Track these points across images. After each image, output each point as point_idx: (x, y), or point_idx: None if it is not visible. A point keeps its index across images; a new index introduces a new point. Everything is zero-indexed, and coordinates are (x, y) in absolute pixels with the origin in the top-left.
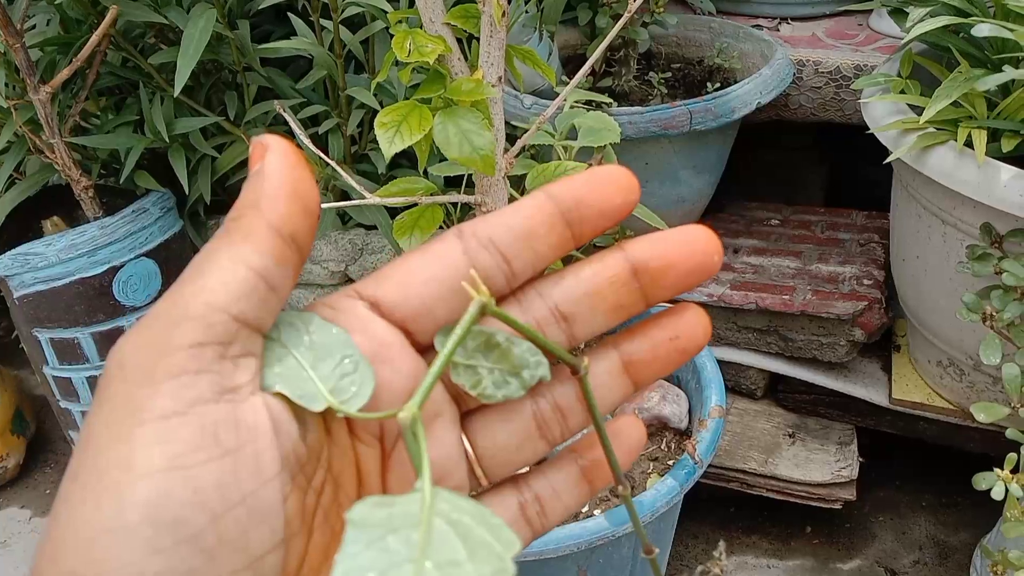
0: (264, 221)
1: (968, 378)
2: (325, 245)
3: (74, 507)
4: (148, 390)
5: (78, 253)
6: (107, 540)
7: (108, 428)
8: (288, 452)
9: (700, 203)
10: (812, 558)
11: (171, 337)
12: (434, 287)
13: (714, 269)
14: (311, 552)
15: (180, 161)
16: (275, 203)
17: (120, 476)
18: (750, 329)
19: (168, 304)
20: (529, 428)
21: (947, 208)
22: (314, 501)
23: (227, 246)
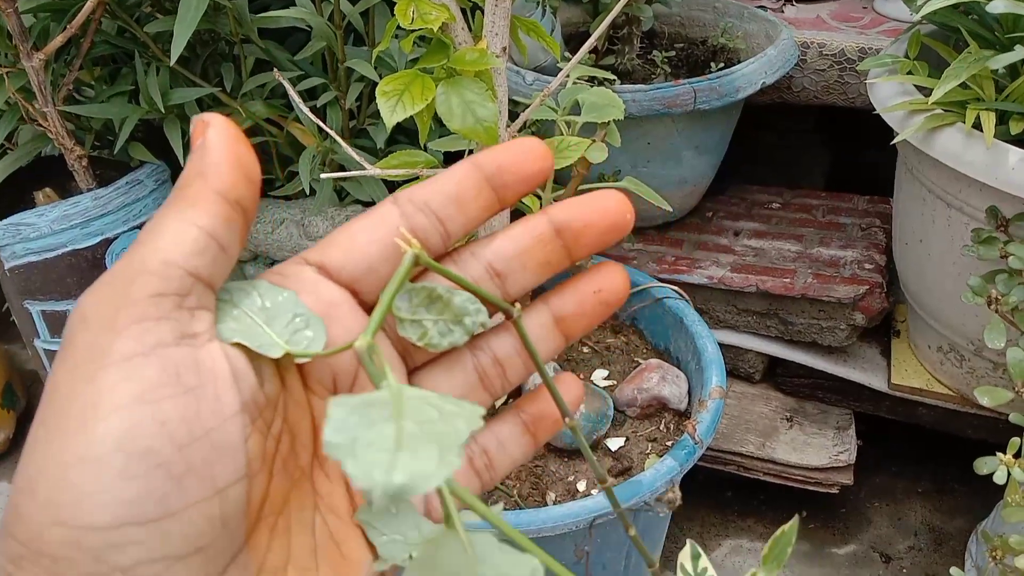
0: (211, 187)
1: (968, 364)
2: (322, 221)
3: (46, 444)
4: (111, 335)
5: (71, 224)
6: (81, 468)
7: (73, 372)
8: (247, 397)
9: (702, 184)
10: (807, 543)
11: (131, 289)
12: (376, 248)
13: (627, 227)
14: (272, 494)
15: (175, 132)
16: (220, 171)
17: (89, 411)
18: (750, 312)
19: (125, 262)
20: (472, 380)
21: (953, 191)
22: (273, 447)
23: (177, 211)
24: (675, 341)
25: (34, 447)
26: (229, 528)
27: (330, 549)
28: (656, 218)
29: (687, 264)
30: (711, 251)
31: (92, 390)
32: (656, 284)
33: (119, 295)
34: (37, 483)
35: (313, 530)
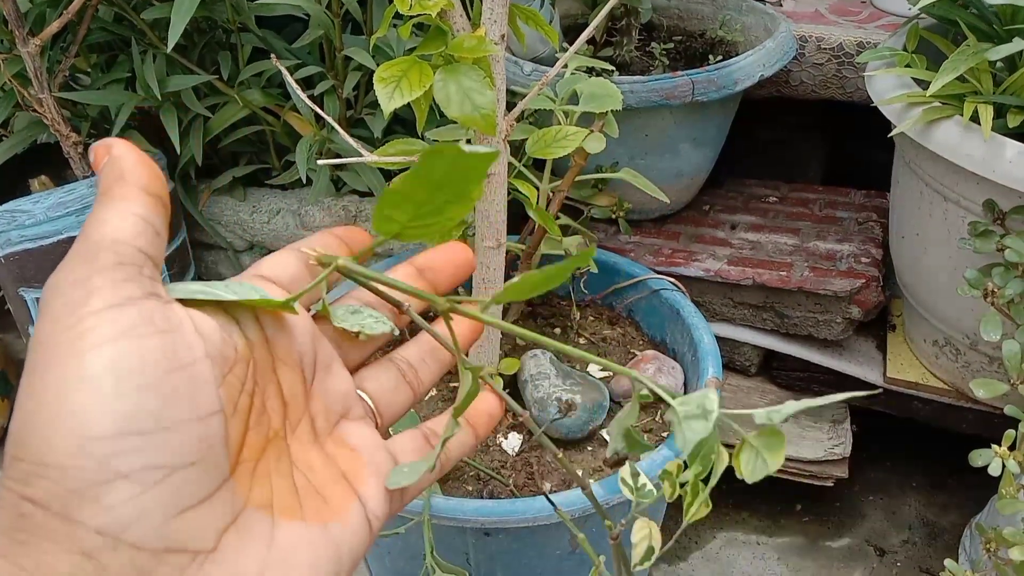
0: (133, 185)
1: (964, 358)
2: (319, 211)
3: (42, 376)
4: (86, 293)
5: (66, 211)
6: (79, 388)
7: (56, 323)
8: (212, 347)
9: (699, 178)
10: (802, 536)
11: (95, 261)
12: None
13: (472, 266)
14: (249, 442)
15: (172, 120)
16: (137, 171)
17: (78, 345)
18: (746, 305)
19: (80, 246)
20: (397, 376)
21: (950, 184)
22: (248, 402)
23: (111, 206)
24: (671, 333)
25: (30, 383)
26: (215, 452)
27: (311, 495)
28: (653, 211)
29: (684, 257)
30: (708, 244)
31: (78, 331)
32: (652, 276)
33: (86, 265)
34: (39, 408)
35: (293, 479)
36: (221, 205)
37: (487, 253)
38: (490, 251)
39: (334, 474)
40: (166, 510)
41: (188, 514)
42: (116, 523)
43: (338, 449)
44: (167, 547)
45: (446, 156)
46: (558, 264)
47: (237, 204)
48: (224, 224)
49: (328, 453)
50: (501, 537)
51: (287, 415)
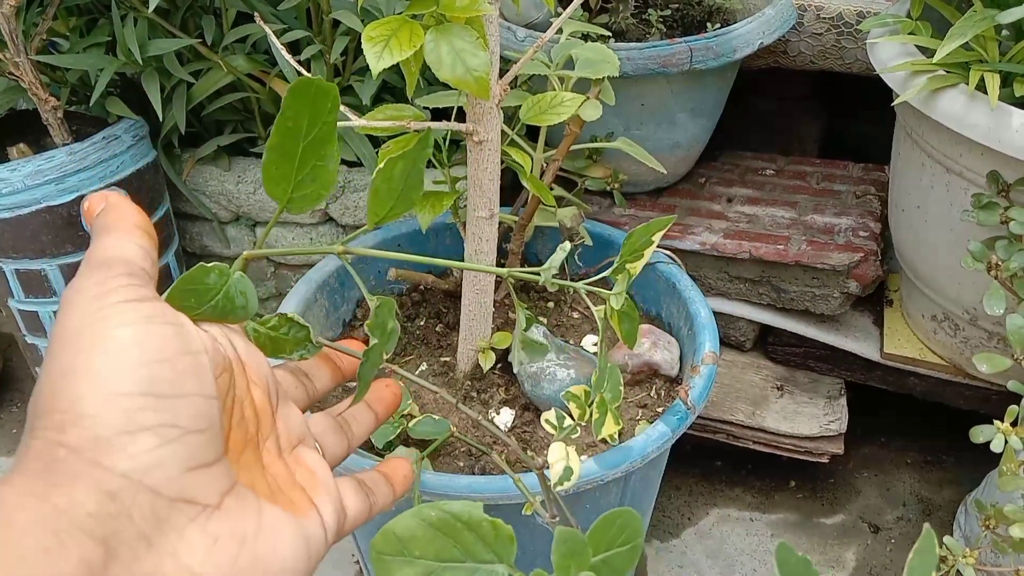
0: (130, 223)
1: (963, 333)
2: None
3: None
4: (106, 290)
5: (45, 180)
6: (105, 357)
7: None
8: (210, 349)
9: (695, 149)
10: (795, 512)
11: (109, 270)
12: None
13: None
14: (233, 438)
15: (154, 86)
16: (132, 214)
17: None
18: (742, 279)
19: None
20: (334, 424)
21: (953, 155)
22: (231, 405)
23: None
24: (667, 307)
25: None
26: (215, 428)
27: (281, 494)
28: (648, 183)
29: (679, 230)
30: (704, 217)
31: (102, 316)
32: None
33: (103, 272)
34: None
35: (266, 478)
36: (205, 175)
37: (479, 223)
38: (482, 221)
39: (296, 485)
40: (180, 464)
41: (197, 472)
42: (138, 469)
43: (297, 466)
44: (180, 496)
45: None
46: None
47: (222, 174)
48: (208, 195)
49: (290, 467)
50: (493, 514)
51: (259, 427)
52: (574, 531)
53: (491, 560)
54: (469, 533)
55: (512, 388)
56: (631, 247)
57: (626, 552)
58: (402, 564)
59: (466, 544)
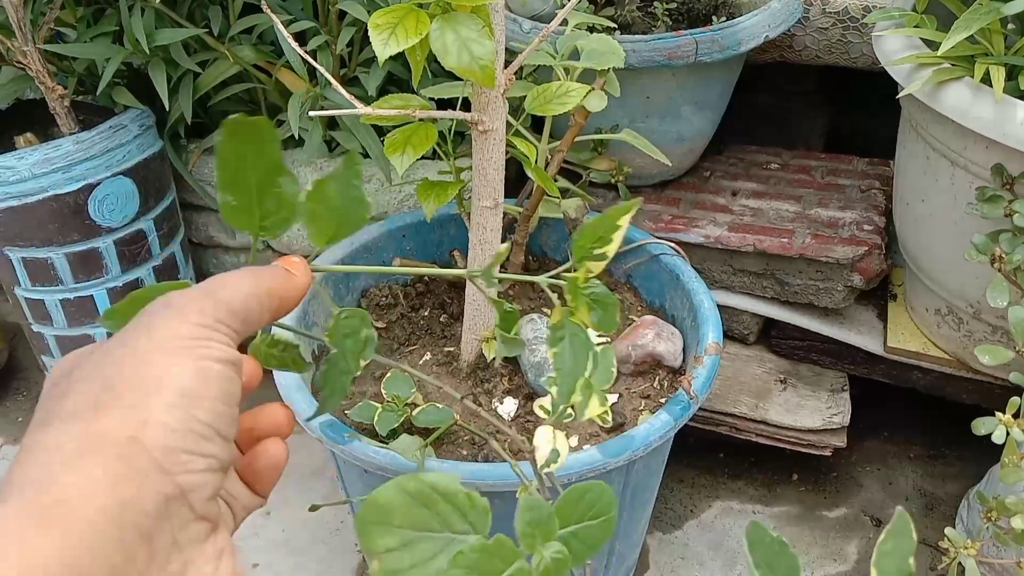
0: (287, 301)
1: (967, 327)
2: (311, 172)
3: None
4: (213, 322)
5: (52, 168)
6: (194, 383)
7: (177, 332)
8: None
9: (700, 143)
10: (798, 505)
11: (228, 310)
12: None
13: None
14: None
15: (160, 76)
16: (298, 295)
17: (198, 352)
18: (746, 272)
19: (218, 296)
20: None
21: (957, 148)
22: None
23: (261, 294)
24: (670, 298)
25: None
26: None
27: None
28: (653, 176)
29: (684, 223)
30: (708, 210)
31: (204, 345)
32: (652, 240)
33: (220, 311)
34: (162, 378)
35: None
36: (211, 165)
37: (484, 213)
38: (487, 211)
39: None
40: (213, 489)
41: (215, 500)
42: (189, 484)
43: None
44: (204, 515)
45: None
46: None
47: None
48: (215, 186)
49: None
50: (496, 502)
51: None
52: (539, 499)
53: (466, 531)
54: (445, 504)
55: (516, 378)
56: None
57: (597, 526)
58: (383, 533)
59: (443, 514)
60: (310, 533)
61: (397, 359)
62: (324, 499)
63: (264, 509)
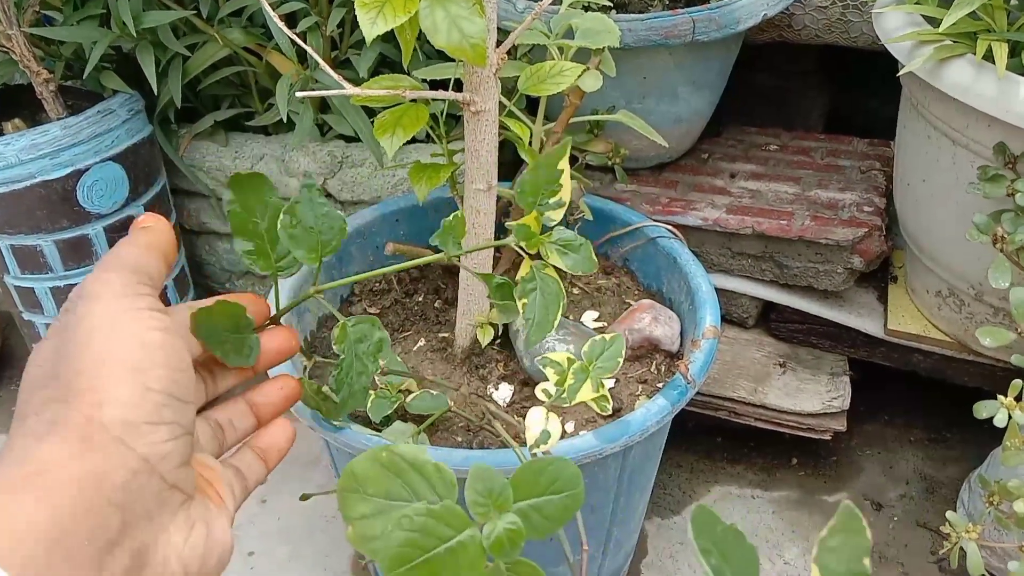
0: (162, 249)
1: (968, 309)
2: (303, 156)
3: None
4: (135, 292)
5: (39, 154)
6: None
7: (114, 308)
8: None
9: (698, 124)
10: (798, 489)
11: (136, 276)
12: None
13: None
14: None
15: (148, 59)
16: (168, 243)
17: (139, 326)
18: (744, 255)
19: (119, 266)
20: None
21: (959, 127)
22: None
23: (143, 252)
24: (668, 282)
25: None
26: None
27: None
28: (650, 159)
29: (681, 206)
30: (706, 193)
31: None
32: (649, 223)
33: (130, 277)
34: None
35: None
36: (202, 151)
37: (477, 196)
38: (480, 194)
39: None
40: (180, 458)
41: (185, 467)
42: (154, 455)
43: (198, 464)
44: (175, 484)
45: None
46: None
47: (219, 150)
48: (206, 170)
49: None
50: None
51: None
52: (490, 468)
53: (434, 502)
54: (415, 473)
55: (511, 363)
56: (535, 187)
57: (559, 501)
58: (358, 500)
59: (412, 484)
60: (306, 522)
61: (391, 345)
62: (320, 488)
63: (260, 497)
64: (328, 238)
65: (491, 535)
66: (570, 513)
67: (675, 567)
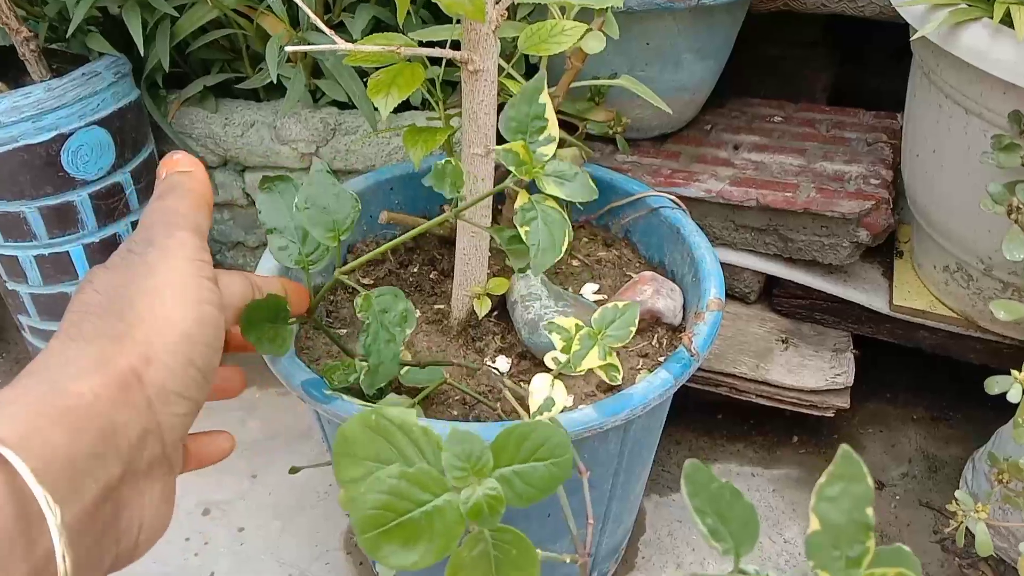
0: (208, 200)
1: (976, 284)
2: (295, 124)
3: (168, 299)
4: (202, 259)
5: (22, 117)
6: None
7: (183, 271)
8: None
9: (701, 93)
10: (798, 468)
11: (202, 242)
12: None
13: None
14: None
15: (135, 19)
16: (209, 191)
17: (197, 296)
18: (748, 228)
19: (188, 227)
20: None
21: (973, 95)
22: None
23: (203, 215)
24: (670, 254)
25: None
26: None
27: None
28: (652, 129)
29: (684, 177)
30: (709, 164)
31: (199, 285)
32: (652, 193)
33: (198, 242)
34: (169, 319)
35: None
36: (191, 117)
37: (474, 161)
38: (477, 159)
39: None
40: (182, 431)
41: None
42: (168, 425)
43: None
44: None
45: None
46: None
47: (208, 116)
48: (195, 138)
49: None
50: None
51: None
52: (470, 432)
53: (421, 464)
54: (402, 436)
55: (508, 336)
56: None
57: (545, 468)
58: (350, 463)
59: (400, 447)
60: (298, 497)
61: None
62: (312, 463)
63: (251, 472)
64: (342, 217)
65: (469, 500)
66: (558, 482)
67: (673, 544)
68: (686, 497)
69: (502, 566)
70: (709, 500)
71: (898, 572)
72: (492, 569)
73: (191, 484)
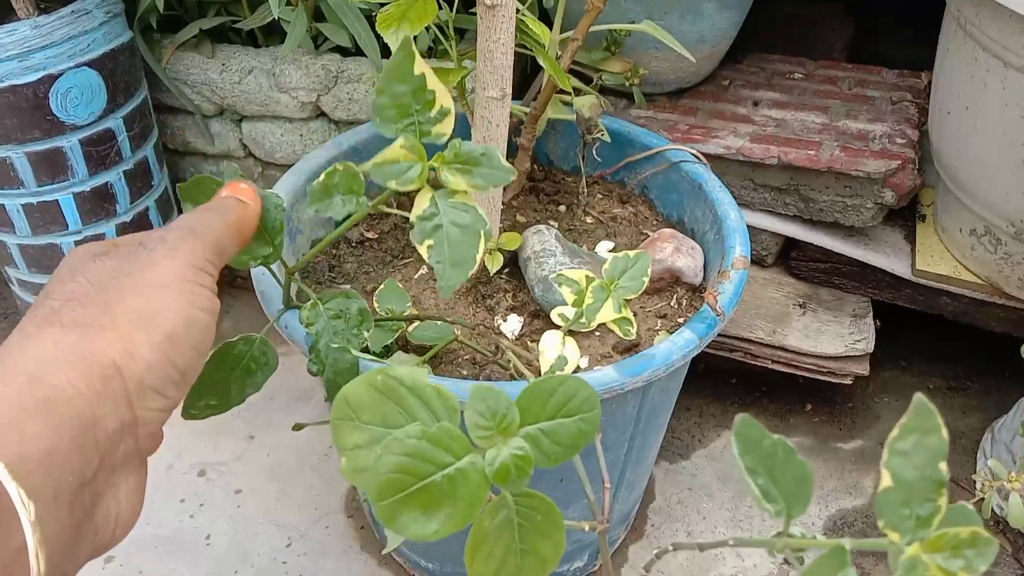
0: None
1: (1004, 248)
2: (295, 70)
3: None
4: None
5: (7, 56)
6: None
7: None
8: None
9: (721, 46)
10: (812, 436)
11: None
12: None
13: None
14: None
15: None
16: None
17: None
18: (767, 187)
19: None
20: None
21: (1014, 46)
22: None
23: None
24: (691, 211)
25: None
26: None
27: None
28: (669, 83)
29: (701, 133)
30: (728, 120)
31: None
32: (672, 147)
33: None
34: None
35: None
36: (187, 62)
37: (489, 105)
38: (492, 102)
39: None
40: (156, 427)
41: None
42: (143, 419)
43: None
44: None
45: None
46: None
47: (205, 62)
48: (191, 84)
49: None
50: None
51: None
52: (494, 387)
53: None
54: (413, 399)
55: (520, 294)
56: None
57: (573, 424)
58: (352, 429)
59: (410, 410)
60: (297, 458)
61: (391, 272)
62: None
63: (248, 433)
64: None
65: (495, 462)
66: (586, 439)
67: (683, 512)
68: (737, 456)
69: (527, 534)
70: (761, 458)
71: (972, 531)
72: (516, 537)
73: (186, 445)
